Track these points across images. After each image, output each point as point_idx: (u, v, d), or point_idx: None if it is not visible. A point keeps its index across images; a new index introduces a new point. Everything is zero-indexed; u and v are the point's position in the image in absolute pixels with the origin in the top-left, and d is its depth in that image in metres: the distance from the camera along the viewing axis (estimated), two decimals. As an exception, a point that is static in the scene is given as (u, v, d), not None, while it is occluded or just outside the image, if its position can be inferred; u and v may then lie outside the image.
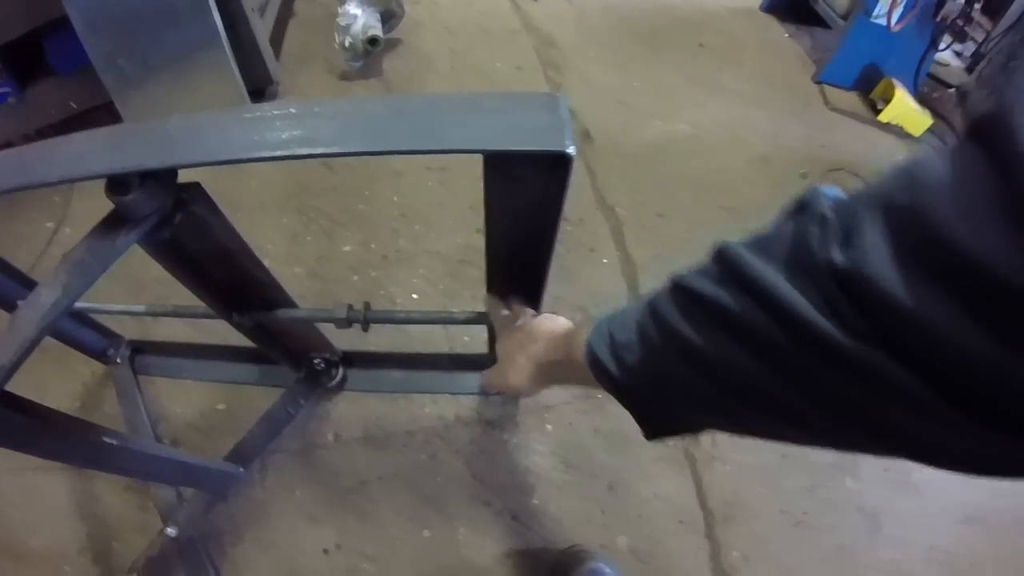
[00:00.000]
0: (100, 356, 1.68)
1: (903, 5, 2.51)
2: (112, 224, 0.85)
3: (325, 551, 1.48)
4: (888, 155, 2.45)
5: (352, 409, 1.70)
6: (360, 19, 2.58)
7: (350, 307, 1.28)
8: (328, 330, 1.52)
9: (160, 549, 1.40)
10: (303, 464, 1.62)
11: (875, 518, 1.56)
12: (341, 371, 1.70)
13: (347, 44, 2.58)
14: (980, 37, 2.86)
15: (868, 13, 2.58)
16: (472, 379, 1.71)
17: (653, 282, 0.67)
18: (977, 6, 2.49)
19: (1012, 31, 2.74)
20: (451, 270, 1.96)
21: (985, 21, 2.79)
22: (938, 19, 2.54)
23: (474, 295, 1.88)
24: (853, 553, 1.52)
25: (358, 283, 1.95)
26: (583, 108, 2.50)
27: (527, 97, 0.77)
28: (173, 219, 0.91)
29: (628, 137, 2.42)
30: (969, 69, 3.00)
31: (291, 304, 1.30)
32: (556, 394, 1.68)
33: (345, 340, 1.61)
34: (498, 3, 3.13)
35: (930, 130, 2.62)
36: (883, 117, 2.63)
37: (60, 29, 2.27)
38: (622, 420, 0.68)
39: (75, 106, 2.43)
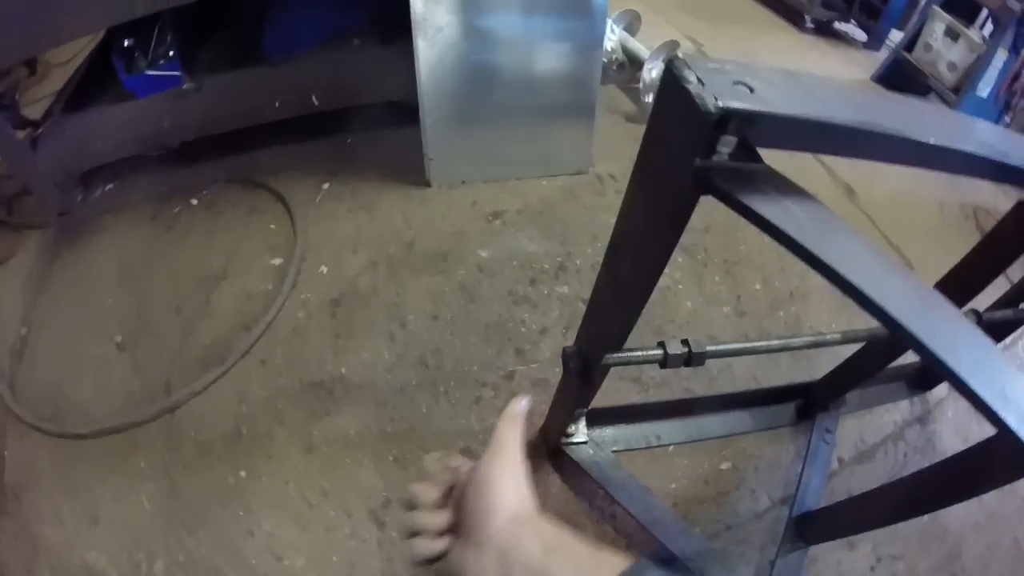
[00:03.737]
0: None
1: (995, 82, 3.24)
2: None
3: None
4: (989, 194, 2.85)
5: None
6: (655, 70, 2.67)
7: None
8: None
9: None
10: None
11: None
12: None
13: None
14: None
15: (974, 88, 3.25)
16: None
17: None
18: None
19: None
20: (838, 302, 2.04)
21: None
22: (1013, 88, 3.27)
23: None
24: None
25: (783, 318, 1.97)
26: (837, 169, 2.73)
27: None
28: None
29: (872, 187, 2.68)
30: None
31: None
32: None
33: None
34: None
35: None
36: None
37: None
38: None
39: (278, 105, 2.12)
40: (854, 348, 1.49)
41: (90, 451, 1.51)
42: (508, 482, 0.65)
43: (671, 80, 0.60)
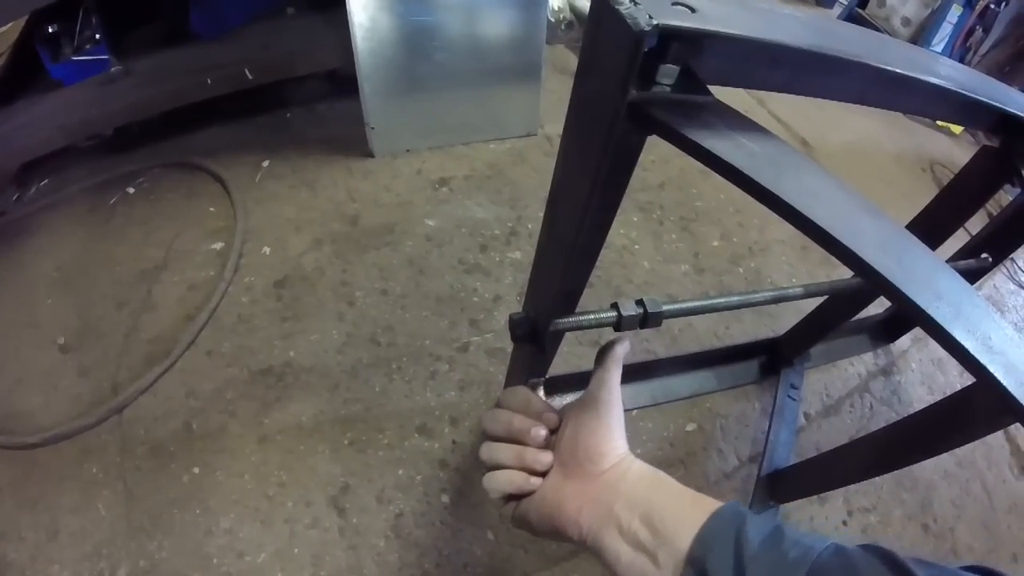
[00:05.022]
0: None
1: (949, 36, 3.23)
2: None
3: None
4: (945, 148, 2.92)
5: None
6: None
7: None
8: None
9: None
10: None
11: None
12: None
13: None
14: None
15: (929, 43, 3.22)
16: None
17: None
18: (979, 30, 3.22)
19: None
20: (798, 255, 2.01)
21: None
22: (967, 44, 3.26)
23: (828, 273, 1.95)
24: None
25: (743, 273, 1.90)
26: (792, 122, 2.69)
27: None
28: None
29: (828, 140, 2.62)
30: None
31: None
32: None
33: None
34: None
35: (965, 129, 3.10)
36: (940, 121, 3.07)
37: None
38: None
39: (210, 82, 1.96)
40: (817, 302, 1.42)
41: (43, 461, 1.39)
42: (617, 424, 0.66)
43: (600, 3, 0.50)
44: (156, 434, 1.41)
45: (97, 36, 1.96)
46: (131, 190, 1.95)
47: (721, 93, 0.54)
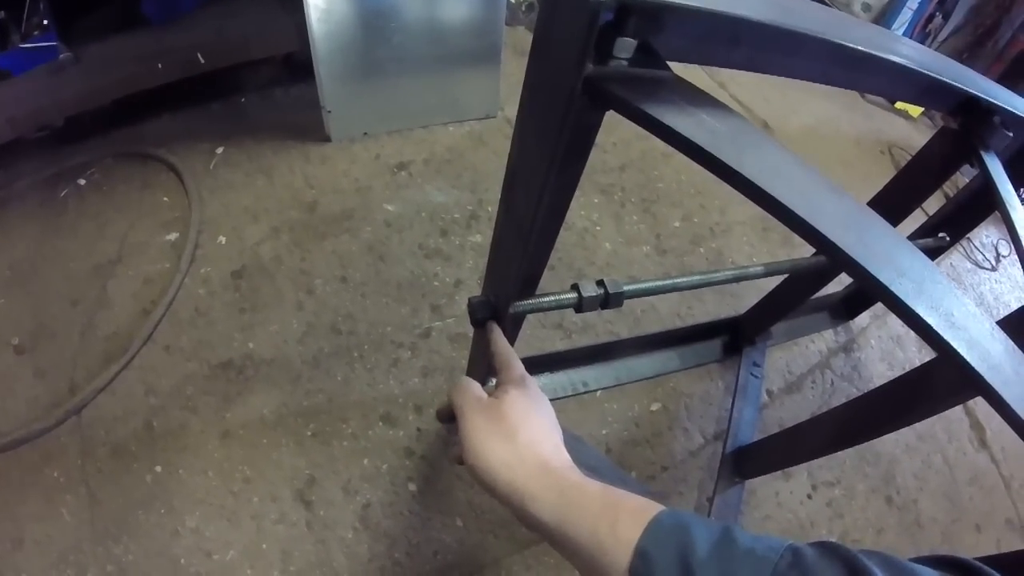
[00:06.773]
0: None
1: (909, 22, 3.18)
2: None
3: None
4: (904, 131, 2.92)
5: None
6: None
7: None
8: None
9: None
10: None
11: None
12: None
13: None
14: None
15: (889, 29, 3.13)
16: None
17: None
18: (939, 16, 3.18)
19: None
20: (759, 236, 2.00)
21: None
22: (927, 30, 3.21)
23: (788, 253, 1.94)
24: None
25: (705, 254, 1.89)
26: (753, 105, 2.68)
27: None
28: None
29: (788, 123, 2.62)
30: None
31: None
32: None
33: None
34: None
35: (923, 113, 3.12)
36: (898, 104, 3.11)
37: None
38: None
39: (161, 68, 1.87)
40: (777, 281, 1.40)
41: (3, 468, 1.32)
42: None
43: (555, -26, 0.47)
44: (117, 434, 1.36)
45: (45, 22, 1.86)
46: (83, 182, 1.87)
47: (681, 74, 0.51)
